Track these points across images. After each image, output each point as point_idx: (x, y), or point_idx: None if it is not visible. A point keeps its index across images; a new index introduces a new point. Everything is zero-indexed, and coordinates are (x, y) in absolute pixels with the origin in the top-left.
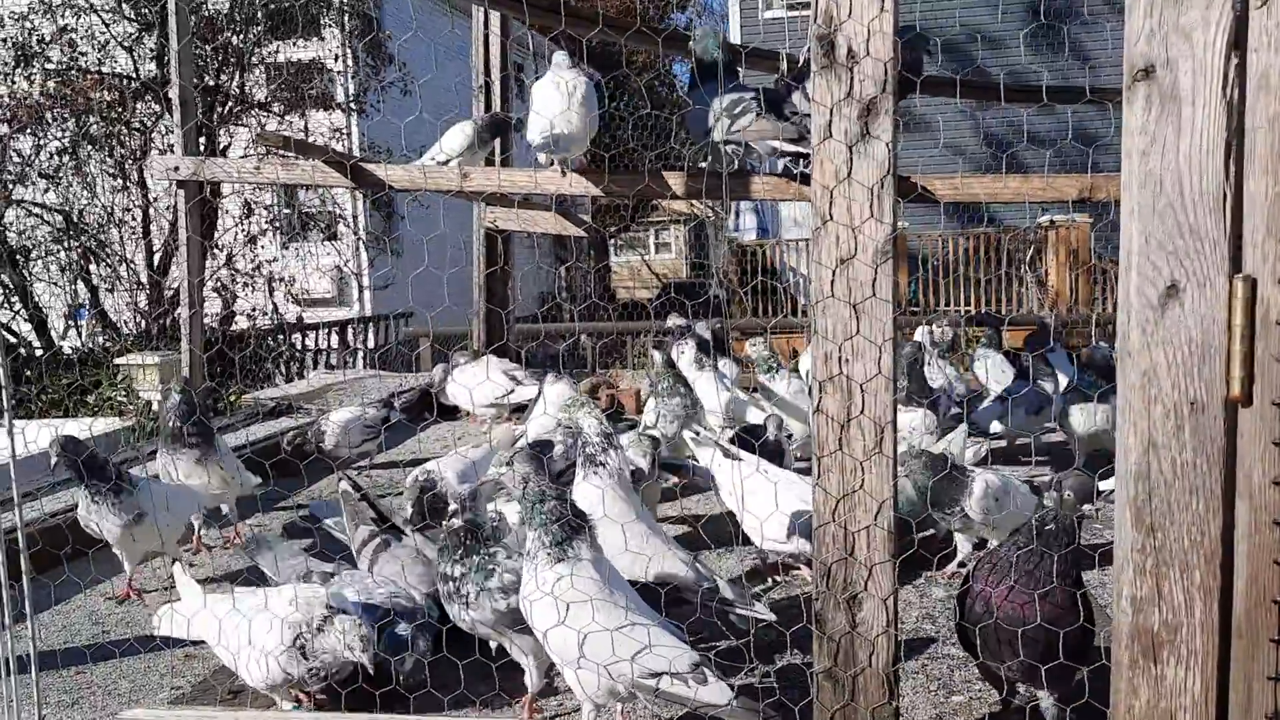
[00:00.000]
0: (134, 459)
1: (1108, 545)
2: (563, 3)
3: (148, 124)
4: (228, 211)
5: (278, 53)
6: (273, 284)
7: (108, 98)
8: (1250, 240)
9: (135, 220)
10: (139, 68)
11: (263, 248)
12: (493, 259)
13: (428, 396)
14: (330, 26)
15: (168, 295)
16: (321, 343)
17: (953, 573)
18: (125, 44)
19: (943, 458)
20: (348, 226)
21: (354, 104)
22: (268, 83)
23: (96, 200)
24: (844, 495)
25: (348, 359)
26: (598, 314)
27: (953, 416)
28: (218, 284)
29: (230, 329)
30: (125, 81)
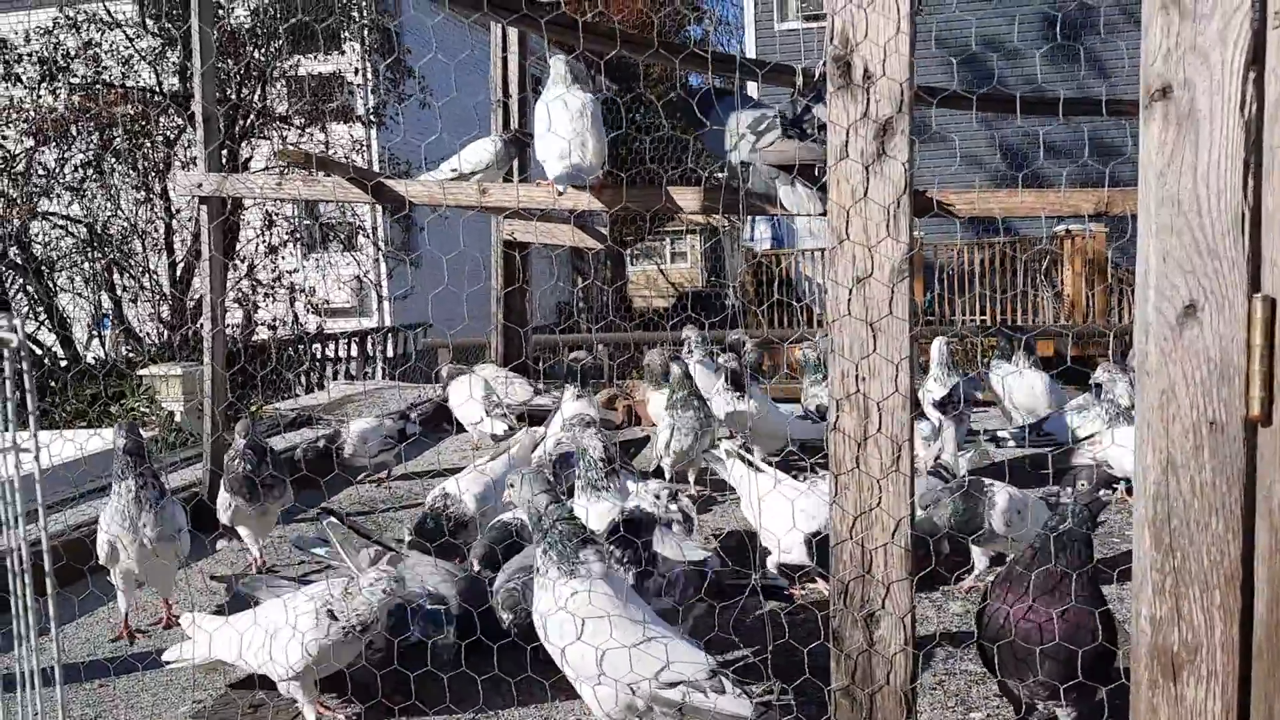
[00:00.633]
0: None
1: (1124, 556)
2: (581, 22)
3: (170, 137)
4: (249, 223)
5: (298, 66)
6: (294, 294)
7: (131, 111)
8: (1269, 260)
9: (158, 232)
10: (162, 82)
11: (283, 258)
12: (510, 273)
13: (444, 409)
14: (350, 40)
15: (189, 306)
16: (341, 353)
17: (970, 587)
18: (148, 59)
19: (972, 480)
20: (367, 237)
21: (373, 116)
22: (288, 96)
23: (120, 212)
24: (861, 513)
25: (367, 370)
26: (614, 326)
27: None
28: (239, 294)
29: (251, 339)
30: (148, 95)
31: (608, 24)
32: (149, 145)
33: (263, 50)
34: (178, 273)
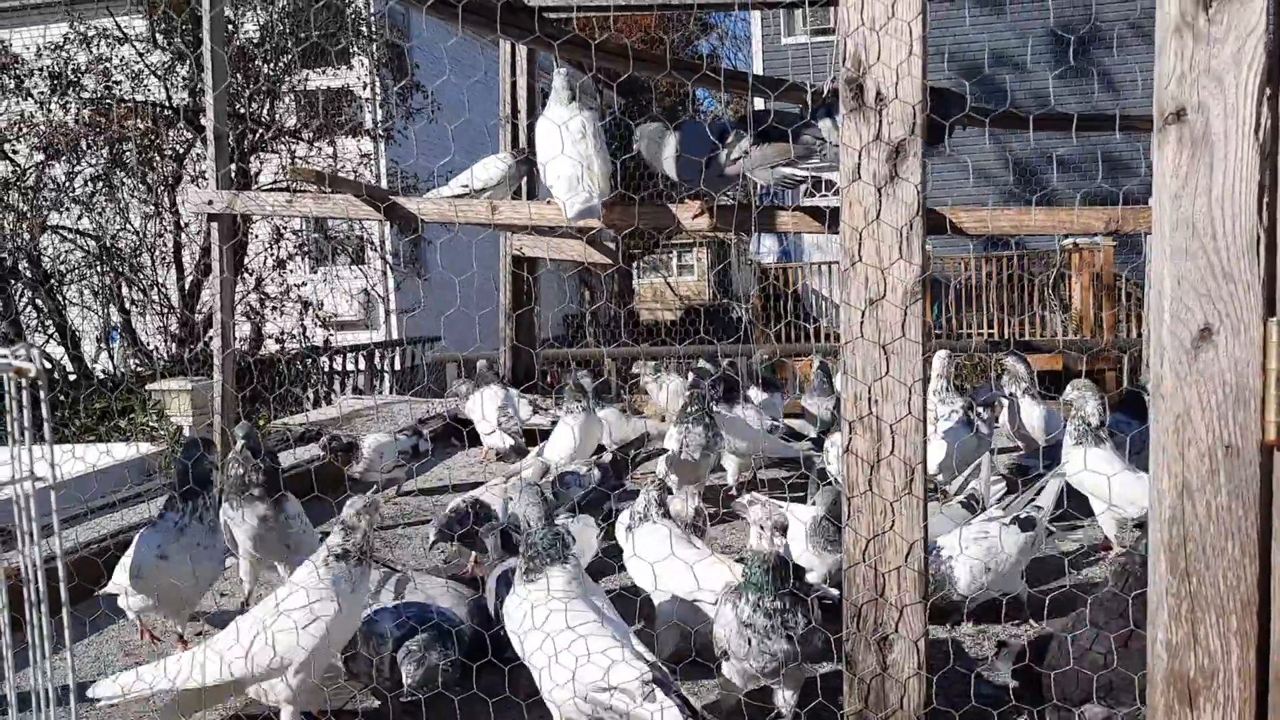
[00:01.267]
0: (147, 492)
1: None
2: (594, 43)
3: (180, 151)
4: (256, 236)
5: (307, 80)
6: (304, 308)
7: (141, 125)
8: None
9: (167, 245)
10: (171, 96)
11: (291, 271)
12: (519, 291)
13: (453, 425)
14: (359, 55)
15: (198, 320)
16: (349, 365)
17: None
18: (158, 73)
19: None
20: (374, 251)
21: (382, 131)
22: (297, 110)
23: (129, 226)
24: (874, 536)
25: (375, 383)
26: (621, 342)
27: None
28: (247, 308)
29: (259, 353)
30: (158, 110)
31: (619, 43)
32: (158, 159)
33: (271, 65)
34: (186, 286)
